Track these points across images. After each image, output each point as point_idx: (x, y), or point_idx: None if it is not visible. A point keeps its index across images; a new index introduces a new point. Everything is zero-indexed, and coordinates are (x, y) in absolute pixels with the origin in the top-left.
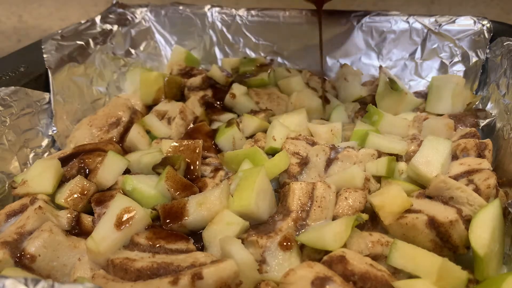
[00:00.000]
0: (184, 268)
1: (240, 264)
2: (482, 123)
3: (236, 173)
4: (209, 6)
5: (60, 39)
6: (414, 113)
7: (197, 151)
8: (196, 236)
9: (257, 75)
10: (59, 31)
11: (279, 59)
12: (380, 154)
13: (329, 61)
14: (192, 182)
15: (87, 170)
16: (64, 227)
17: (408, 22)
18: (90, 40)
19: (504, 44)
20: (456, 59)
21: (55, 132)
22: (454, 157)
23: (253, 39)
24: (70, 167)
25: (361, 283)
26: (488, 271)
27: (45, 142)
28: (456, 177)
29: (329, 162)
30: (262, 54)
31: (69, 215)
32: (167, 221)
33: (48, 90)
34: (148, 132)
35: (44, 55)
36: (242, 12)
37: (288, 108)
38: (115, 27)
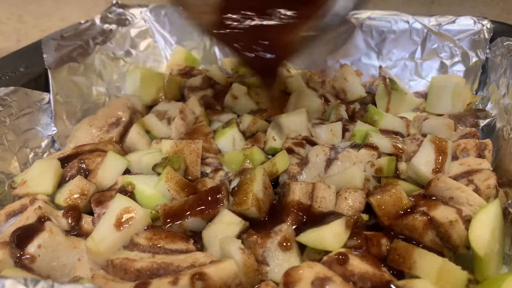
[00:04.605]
0: (184, 268)
1: (240, 264)
2: (482, 123)
3: (236, 173)
4: None
5: (60, 39)
6: (414, 113)
7: (197, 151)
8: (196, 236)
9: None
10: (59, 31)
11: None
12: (380, 154)
13: (329, 61)
14: (192, 182)
15: (87, 170)
16: (64, 228)
17: (408, 22)
18: (90, 40)
19: (504, 44)
20: (456, 59)
21: (55, 132)
22: (454, 157)
23: None
24: (70, 167)
25: (361, 283)
26: (488, 271)
27: (45, 142)
28: (456, 177)
29: (329, 162)
30: None
31: None
32: (167, 221)
33: (48, 90)
34: (148, 132)
35: (44, 55)
36: None
37: (288, 108)
38: (115, 27)
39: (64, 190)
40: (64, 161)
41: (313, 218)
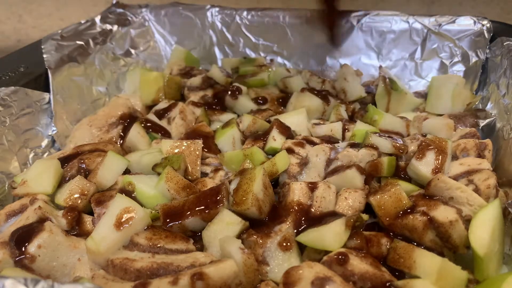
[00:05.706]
0: (184, 268)
1: (240, 264)
2: (482, 123)
3: (236, 173)
4: (209, 6)
5: (60, 39)
6: (414, 113)
7: (197, 151)
8: (196, 236)
9: (257, 75)
10: (59, 31)
11: (279, 59)
12: (380, 154)
13: (329, 61)
14: (192, 182)
15: (87, 170)
16: (64, 228)
17: (408, 22)
18: (90, 40)
19: (504, 44)
20: (456, 59)
21: (55, 132)
22: (454, 157)
23: (253, 39)
24: (70, 167)
25: (361, 283)
26: (488, 271)
27: (45, 142)
28: (456, 177)
29: (329, 162)
30: (262, 54)
31: None
32: (167, 221)
33: (48, 90)
34: (148, 132)
35: (44, 55)
36: (242, 12)
37: (288, 108)
38: (115, 27)
39: (64, 190)
40: (64, 161)
41: (313, 218)
